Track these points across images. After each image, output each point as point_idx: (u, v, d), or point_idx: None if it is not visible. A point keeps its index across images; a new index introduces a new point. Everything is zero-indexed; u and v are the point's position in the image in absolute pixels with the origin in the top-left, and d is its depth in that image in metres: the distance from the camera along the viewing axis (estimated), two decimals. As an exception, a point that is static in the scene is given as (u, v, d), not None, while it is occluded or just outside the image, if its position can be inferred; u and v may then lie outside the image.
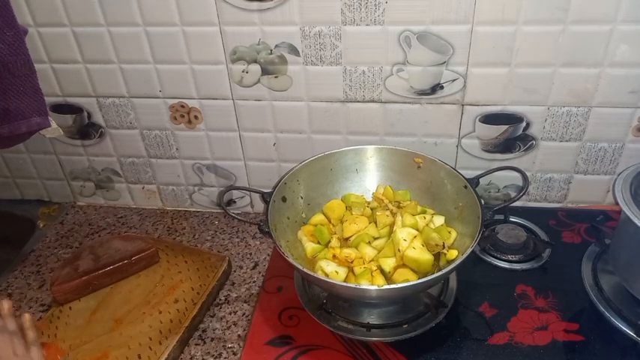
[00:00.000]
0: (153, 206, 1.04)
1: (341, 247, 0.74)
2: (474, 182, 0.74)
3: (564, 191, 0.90)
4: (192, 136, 0.92)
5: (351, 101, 0.84)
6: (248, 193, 0.98)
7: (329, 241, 0.75)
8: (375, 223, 0.76)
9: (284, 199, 0.77)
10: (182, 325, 0.73)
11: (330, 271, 0.69)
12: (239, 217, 0.75)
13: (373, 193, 0.83)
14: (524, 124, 0.83)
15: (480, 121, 0.83)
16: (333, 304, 0.72)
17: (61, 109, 0.92)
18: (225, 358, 0.71)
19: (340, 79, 0.81)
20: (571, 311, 0.71)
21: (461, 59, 0.77)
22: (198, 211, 1.02)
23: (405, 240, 0.70)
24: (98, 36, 0.82)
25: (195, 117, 0.89)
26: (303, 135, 0.89)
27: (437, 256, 0.70)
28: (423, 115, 0.84)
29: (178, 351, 0.72)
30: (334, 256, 0.71)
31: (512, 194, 0.91)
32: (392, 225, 0.75)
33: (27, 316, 0.66)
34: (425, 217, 0.76)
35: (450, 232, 0.74)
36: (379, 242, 0.74)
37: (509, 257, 0.80)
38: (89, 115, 0.93)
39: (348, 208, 0.81)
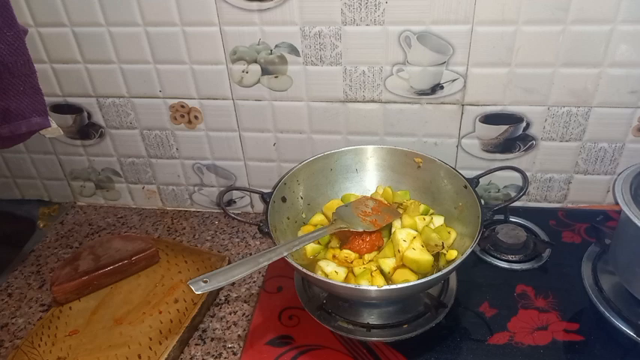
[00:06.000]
0: (153, 206, 1.04)
1: (341, 247, 0.74)
2: (473, 182, 0.74)
3: (564, 191, 0.90)
4: (192, 136, 0.92)
5: (351, 101, 0.84)
6: (248, 193, 0.99)
7: (329, 242, 0.75)
8: (375, 223, 0.76)
9: (284, 200, 0.77)
10: (182, 325, 0.73)
11: (330, 271, 0.69)
12: (239, 218, 0.75)
13: (372, 194, 0.83)
14: (524, 124, 0.83)
15: (480, 121, 0.83)
16: (333, 304, 0.72)
17: (61, 109, 0.92)
18: (225, 358, 0.71)
19: (340, 79, 0.81)
20: (571, 311, 0.71)
21: (461, 59, 0.77)
22: (198, 211, 1.02)
23: (404, 241, 0.70)
24: (98, 36, 0.82)
25: (195, 117, 0.89)
26: (303, 135, 0.89)
27: (437, 257, 0.70)
28: (423, 115, 0.84)
29: (178, 351, 0.72)
30: (334, 257, 0.71)
31: (512, 194, 0.91)
32: (391, 225, 0.75)
33: None
34: (424, 218, 0.76)
35: (449, 233, 0.74)
36: (379, 242, 0.74)
37: (509, 257, 0.80)
38: (89, 115, 0.93)
39: (348, 208, 0.81)
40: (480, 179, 0.75)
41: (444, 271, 0.61)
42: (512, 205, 0.75)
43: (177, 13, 0.78)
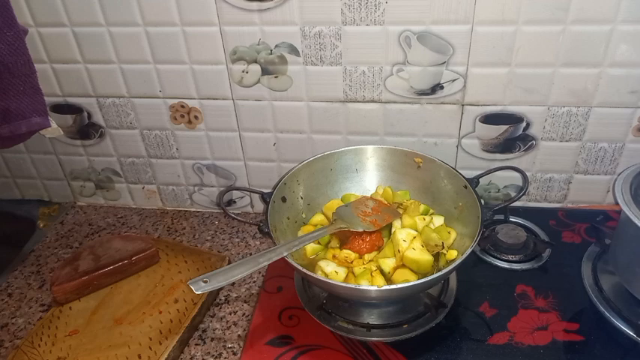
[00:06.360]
0: (153, 206, 1.04)
1: (341, 247, 0.74)
2: (473, 182, 0.74)
3: (564, 191, 0.90)
4: (192, 136, 0.92)
5: (351, 101, 0.84)
6: (248, 193, 0.99)
7: (329, 242, 0.75)
8: (375, 223, 0.76)
9: (284, 200, 0.77)
10: (182, 325, 0.73)
11: (330, 271, 0.69)
12: (239, 218, 0.75)
13: (372, 194, 0.83)
14: (524, 124, 0.83)
15: (480, 121, 0.83)
16: (333, 304, 0.72)
17: (61, 109, 0.92)
18: (225, 358, 0.71)
19: (340, 79, 0.81)
20: (571, 311, 0.71)
21: (461, 59, 0.77)
22: (198, 211, 1.02)
23: (404, 241, 0.70)
24: (98, 36, 0.82)
25: (195, 117, 0.89)
26: (303, 135, 0.89)
27: (436, 257, 0.70)
28: (423, 115, 0.84)
29: (178, 351, 0.72)
30: (334, 257, 0.71)
31: (512, 194, 0.91)
32: (391, 225, 0.75)
33: None
34: (424, 218, 0.76)
35: (449, 233, 0.74)
36: (379, 242, 0.74)
37: (509, 257, 0.80)
38: (89, 115, 0.93)
39: (348, 208, 0.81)
40: (480, 179, 0.75)
41: (444, 271, 0.61)
42: (512, 205, 0.75)
43: (177, 13, 0.78)
